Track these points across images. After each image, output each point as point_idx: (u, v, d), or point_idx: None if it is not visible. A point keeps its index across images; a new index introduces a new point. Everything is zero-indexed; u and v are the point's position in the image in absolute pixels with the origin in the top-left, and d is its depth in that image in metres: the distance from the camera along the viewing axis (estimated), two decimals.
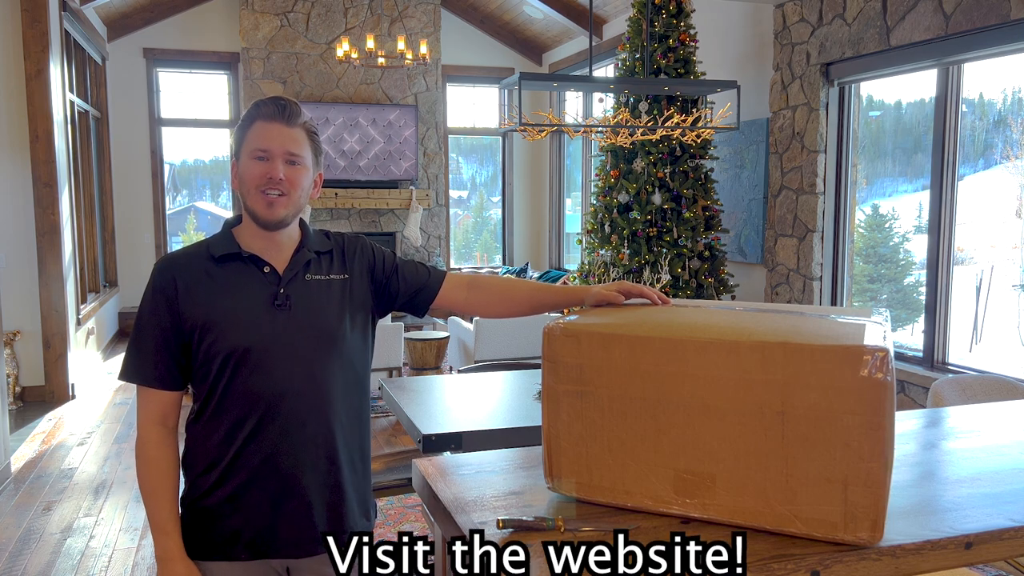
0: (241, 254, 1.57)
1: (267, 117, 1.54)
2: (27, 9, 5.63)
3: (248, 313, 1.53)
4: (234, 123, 9.01)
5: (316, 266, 1.62)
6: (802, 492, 1.12)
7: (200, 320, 1.52)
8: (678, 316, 1.31)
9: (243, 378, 1.52)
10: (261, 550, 1.56)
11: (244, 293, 1.55)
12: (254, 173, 1.53)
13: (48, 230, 5.79)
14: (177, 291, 1.53)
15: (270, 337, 1.53)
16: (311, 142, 1.58)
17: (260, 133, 1.53)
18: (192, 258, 1.58)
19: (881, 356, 1.06)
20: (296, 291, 1.57)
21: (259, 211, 1.54)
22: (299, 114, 1.57)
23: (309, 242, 1.63)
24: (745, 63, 5.76)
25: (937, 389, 3.10)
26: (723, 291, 5.12)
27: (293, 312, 1.55)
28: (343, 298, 1.61)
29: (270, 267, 1.57)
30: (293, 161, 1.54)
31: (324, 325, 1.57)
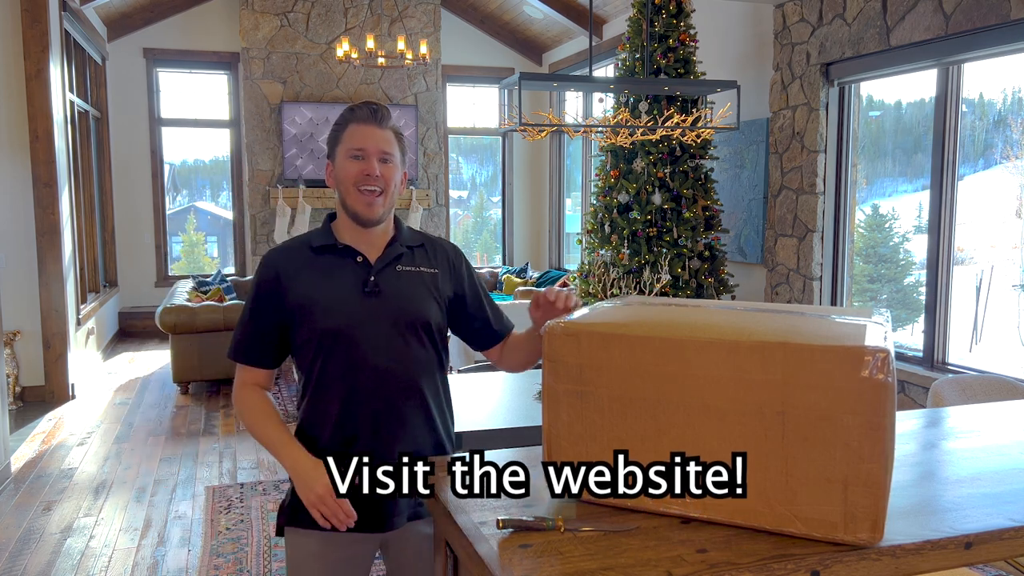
0: (336, 245, 1.72)
1: (361, 120, 1.68)
2: (27, 9, 5.63)
3: (341, 298, 1.68)
4: (234, 123, 9.02)
5: (408, 258, 1.76)
6: (802, 492, 1.12)
7: (298, 304, 1.68)
8: (678, 316, 1.31)
9: (337, 357, 1.66)
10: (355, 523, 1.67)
11: (338, 280, 1.69)
12: (351, 171, 1.67)
13: (48, 230, 5.79)
14: (282, 280, 1.69)
15: (360, 320, 1.67)
16: (399, 143, 1.73)
17: (355, 134, 1.68)
18: (293, 250, 1.75)
19: (882, 357, 1.06)
20: (386, 279, 1.71)
21: (359, 210, 1.68)
22: (389, 117, 1.72)
23: (402, 236, 1.78)
24: (745, 63, 5.76)
25: (937, 389, 3.10)
26: (723, 291, 5.12)
27: (383, 298, 1.69)
28: (431, 288, 1.75)
29: (363, 257, 1.72)
30: (386, 159, 1.69)
31: (412, 311, 1.70)
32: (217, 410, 5.73)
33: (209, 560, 3.37)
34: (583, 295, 5.32)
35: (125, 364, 7.30)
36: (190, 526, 3.73)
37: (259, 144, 8.55)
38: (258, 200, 8.63)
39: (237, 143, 9.03)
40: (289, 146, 8.47)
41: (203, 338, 6.06)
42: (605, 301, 1.52)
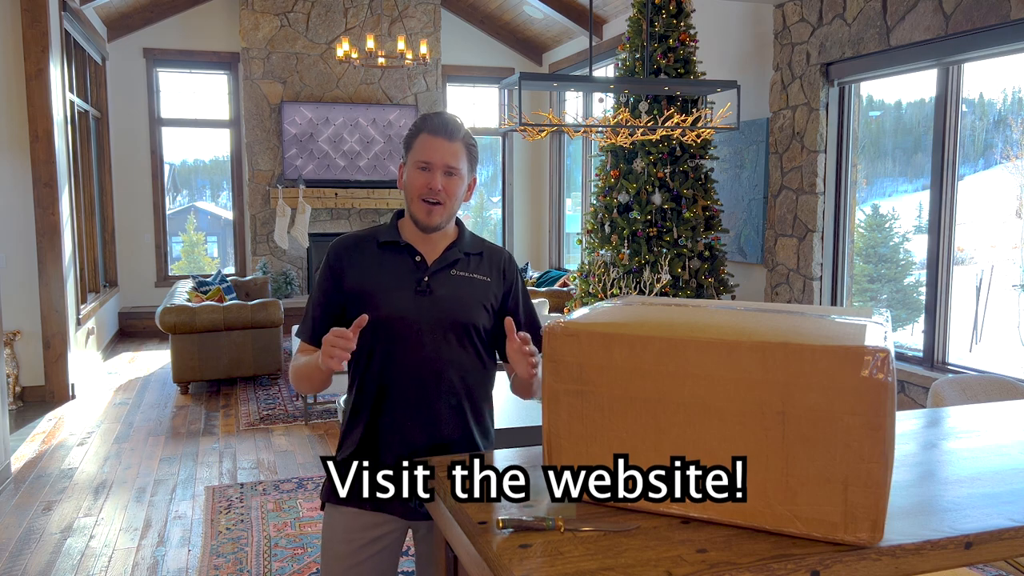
0: (399, 242, 1.81)
1: (432, 131, 1.76)
2: (27, 9, 5.63)
3: (393, 292, 1.76)
4: (234, 123, 9.02)
5: (463, 264, 1.83)
6: (802, 492, 1.12)
7: (356, 291, 1.77)
8: (679, 316, 1.31)
9: (382, 347, 1.74)
10: (380, 504, 1.76)
11: (394, 275, 1.78)
12: (417, 183, 1.75)
13: (48, 230, 5.79)
14: (343, 266, 1.80)
15: (407, 315, 1.74)
16: (468, 154, 1.80)
17: (425, 145, 1.75)
18: (361, 240, 1.84)
19: (882, 357, 1.06)
20: (439, 281, 1.78)
21: (419, 217, 1.76)
22: (459, 129, 1.79)
23: (462, 242, 1.85)
24: (745, 63, 5.76)
25: (937, 389, 3.10)
26: (723, 291, 5.11)
27: (433, 298, 1.76)
28: (481, 295, 1.81)
29: (421, 257, 1.80)
30: (451, 173, 1.75)
31: (458, 314, 1.77)
32: (217, 410, 5.73)
33: (209, 560, 3.37)
34: (583, 295, 5.32)
35: (125, 364, 7.30)
36: (190, 526, 3.73)
37: (259, 144, 8.55)
38: (258, 200, 8.63)
39: (237, 143, 9.03)
40: (289, 146, 8.47)
41: (203, 338, 6.06)
42: (605, 301, 1.51)
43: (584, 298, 5.31)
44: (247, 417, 5.54)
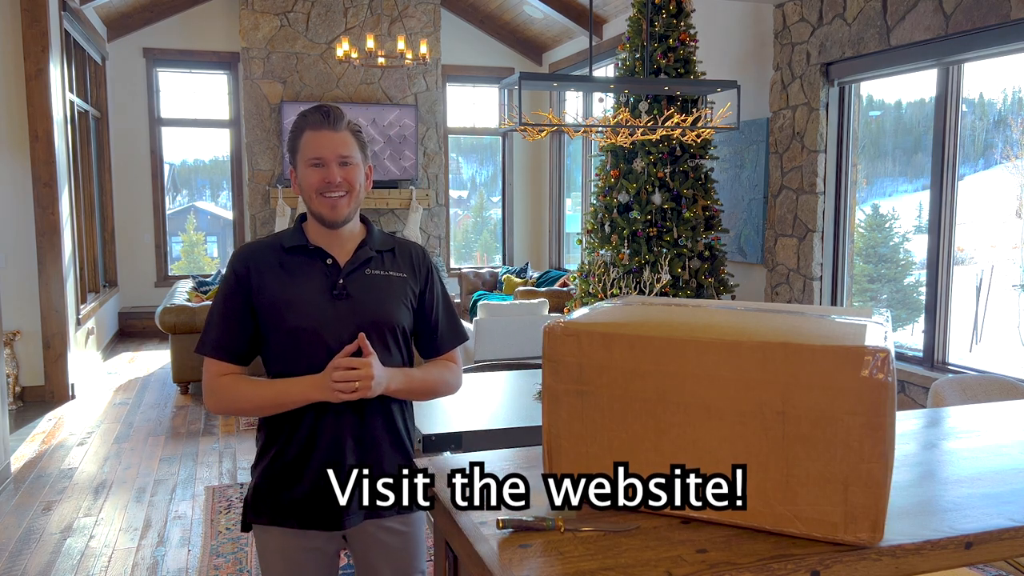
0: (307, 246, 1.74)
1: (315, 126, 1.69)
2: (27, 9, 5.63)
3: (309, 299, 1.69)
4: (234, 123, 9.02)
5: (377, 262, 1.77)
6: (802, 492, 1.12)
7: (267, 302, 1.69)
8: (679, 316, 1.31)
9: (302, 357, 1.68)
10: (309, 520, 1.72)
11: (307, 282, 1.71)
12: (313, 180, 1.68)
13: (48, 230, 5.79)
14: (250, 276, 1.71)
15: (327, 322, 1.68)
16: (357, 141, 1.73)
17: (311, 142, 1.68)
18: (265, 248, 1.76)
19: (882, 357, 1.06)
20: (355, 283, 1.72)
21: (324, 213, 1.70)
22: (342, 118, 1.71)
23: (372, 240, 1.80)
24: (745, 63, 5.76)
25: (937, 389, 3.10)
26: (723, 291, 5.11)
27: (351, 301, 1.70)
28: (400, 293, 1.77)
29: (332, 259, 1.73)
30: (346, 162, 1.70)
31: (379, 314, 1.72)
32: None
33: (209, 560, 3.37)
34: (583, 295, 5.32)
35: (125, 364, 7.30)
36: (190, 526, 3.73)
37: (259, 144, 8.55)
38: (258, 200, 8.63)
39: (237, 143, 9.03)
40: None
41: None
42: (605, 301, 1.51)
43: (584, 298, 5.31)
44: (247, 417, 5.54)
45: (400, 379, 1.72)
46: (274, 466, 1.73)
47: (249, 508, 1.77)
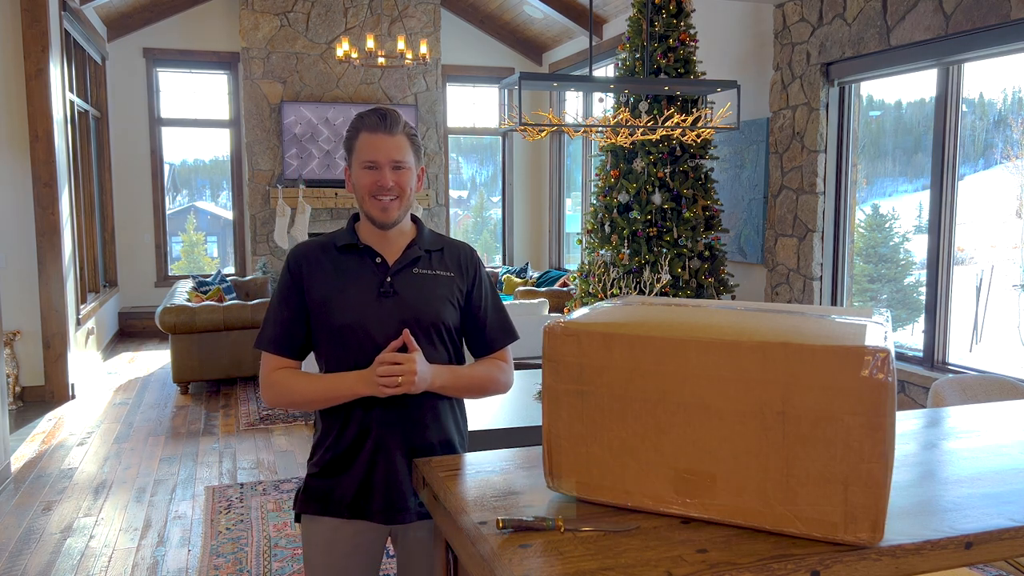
0: (358, 245, 1.78)
1: (371, 128, 1.72)
2: (27, 9, 5.63)
3: (357, 297, 1.73)
4: (234, 123, 9.01)
5: (425, 261, 1.80)
6: (802, 492, 1.11)
7: (319, 299, 1.74)
8: (679, 316, 1.31)
9: (350, 354, 1.72)
10: (358, 511, 1.75)
11: (356, 279, 1.76)
12: (366, 182, 1.73)
13: (48, 230, 5.79)
14: (303, 274, 1.77)
15: (373, 319, 1.72)
16: (412, 144, 1.76)
17: (367, 144, 1.72)
18: (318, 247, 1.81)
19: (882, 357, 1.06)
20: (402, 281, 1.76)
21: (375, 215, 1.74)
22: (399, 121, 1.74)
23: (421, 240, 1.82)
24: (745, 63, 5.76)
25: (937, 389, 3.10)
26: (723, 291, 5.11)
27: (398, 299, 1.74)
28: (446, 292, 1.79)
29: (381, 258, 1.77)
30: (399, 167, 1.73)
31: (425, 312, 1.75)
32: (217, 410, 5.73)
33: (209, 560, 3.37)
34: (583, 295, 5.32)
35: (125, 364, 7.30)
36: (190, 526, 3.73)
37: (259, 144, 8.55)
38: (258, 200, 8.63)
39: (237, 143, 9.03)
40: (289, 146, 8.47)
41: (203, 338, 6.06)
42: (605, 301, 1.51)
43: (584, 298, 5.31)
44: (247, 417, 5.54)
45: (446, 376, 1.74)
46: (326, 457, 1.77)
47: (300, 498, 1.81)
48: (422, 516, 1.76)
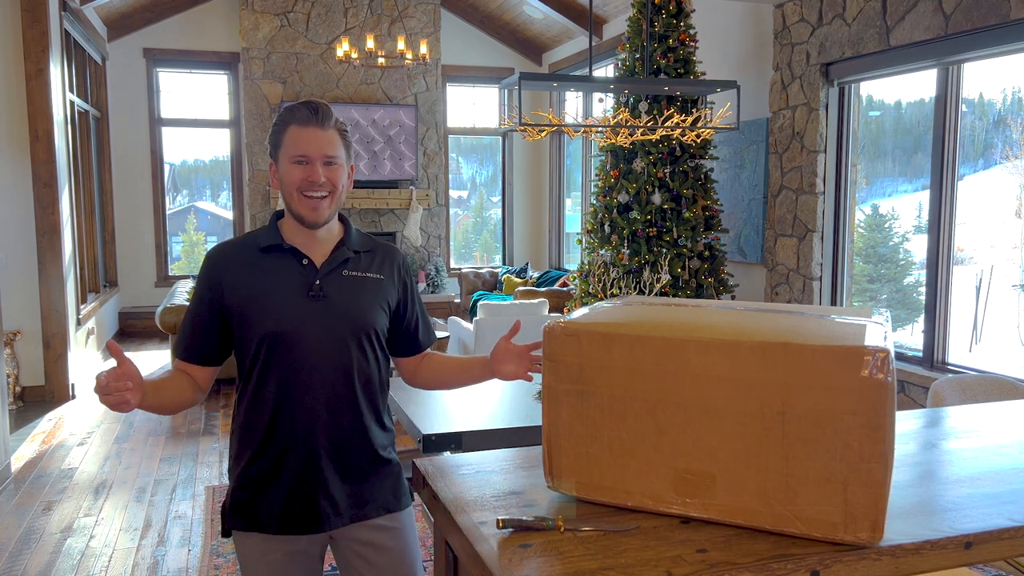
0: (283, 246, 1.68)
1: (301, 121, 1.63)
2: (27, 9, 5.63)
3: (284, 301, 1.64)
4: (234, 123, 9.01)
5: (354, 263, 1.72)
6: (802, 492, 1.12)
7: (240, 305, 1.65)
8: (679, 316, 1.31)
9: (276, 360, 1.64)
10: (287, 525, 1.68)
11: (282, 282, 1.66)
12: (295, 177, 1.63)
13: (48, 230, 5.79)
14: (222, 278, 1.66)
15: (302, 324, 1.64)
16: (343, 140, 1.68)
17: (297, 138, 1.63)
18: (238, 247, 1.71)
19: (882, 357, 1.06)
20: (331, 284, 1.68)
21: (304, 214, 1.64)
22: (330, 116, 1.65)
23: (350, 240, 1.74)
24: (745, 63, 5.76)
25: (937, 389, 3.10)
26: (723, 291, 5.11)
27: (327, 303, 1.66)
28: (376, 295, 1.73)
29: (308, 260, 1.68)
30: (331, 162, 1.64)
31: (356, 316, 1.68)
32: (217, 410, 5.73)
33: (209, 560, 3.37)
34: (583, 295, 5.32)
35: None
36: (190, 526, 3.73)
37: (259, 144, 8.55)
38: (258, 200, 8.63)
39: (237, 143, 9.03)
40: None
41: None
42: (605, 301, 1.51)
43: (584, 298, 5.31)
44: None
45: None
46: (249, 471, 1.69)
47: (228, 514, 1.73)
48: (355, 518, 1.72)
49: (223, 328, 1.69)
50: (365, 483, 1.73)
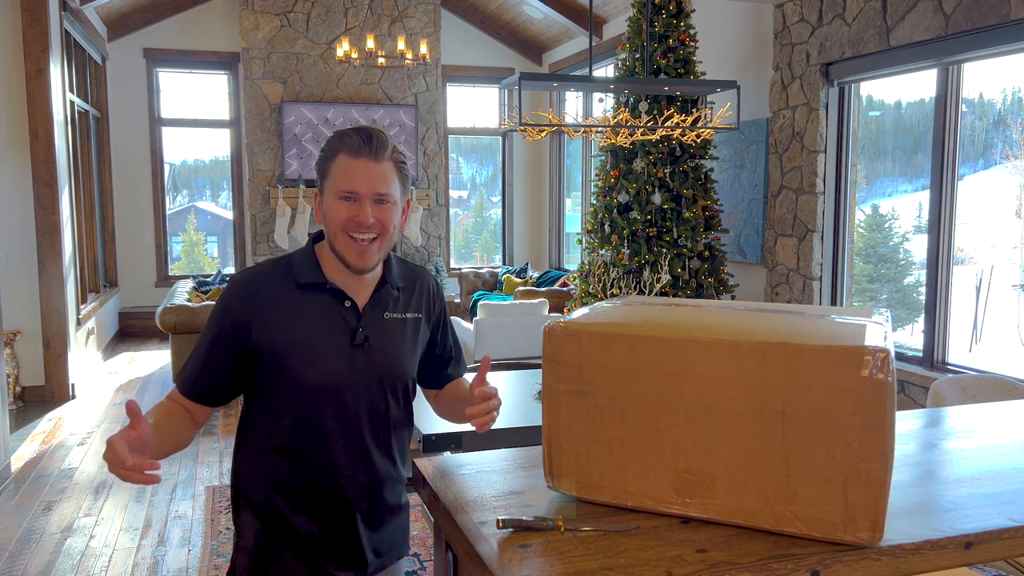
0: (325, 285, 1.50)
1: (352, 151, 1.43)
2: (27, 9, 5.63)
3: (326, 351, 1.48)
4: (234, 123, 9.01)
5: (395, 303, 1.57)
6: (802, 492, 1.12)
7: (273, 350, 1.47)
8: (679, 316, 1.31)
9: (313, 412, 1.50)
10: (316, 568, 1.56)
11: (323, 329, 1.49)
12: (340, 216, 1.44)
13: (48, 230, 5.79)
14: (252, 317, 1.47)
15: (343, 376, 1.49)
16: (399, 174, 1.49)
17: (346, 171, 1.43)
18: (273, 281, 1.50)
19: (882, 357, 1.06)
20: (373, 329, 1.53)
21: (349, 258, 1.46)
22: (386, 145, 1.46)
23: (392, 276, 1.57)
24: (745, 63, 5.76)
25: (937, 389, 3.10)
26: (723, 291, 5.11)
27: (370, 352, 1.51)
28: (415, 337, 1.60)
29: (351, 302, 1.51)
30: (382, 200, 1.45)
31: (395, 369, 1.56)
32: (217, 410, 5.73)
33: (209, 560, 3.37)
34: (583, 295, 5.32)
35: (125, 364, 7.30)
36: (190, 526, 3.73)
37: (259, 144, 8.55)
38: (258, 200, 8.63)
39: (237, 143, 9.03)
40: (289, 146, 8.48)
41: None
42: (605, 301, 1.51)
43: (584, 298, 5.31)
44: None
45: None
46: (273, 529, 1.54)
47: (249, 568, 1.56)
48: (397, 556, 1.65)
49: (241, 369, 1.51)
50: (386, 529, 1.64)
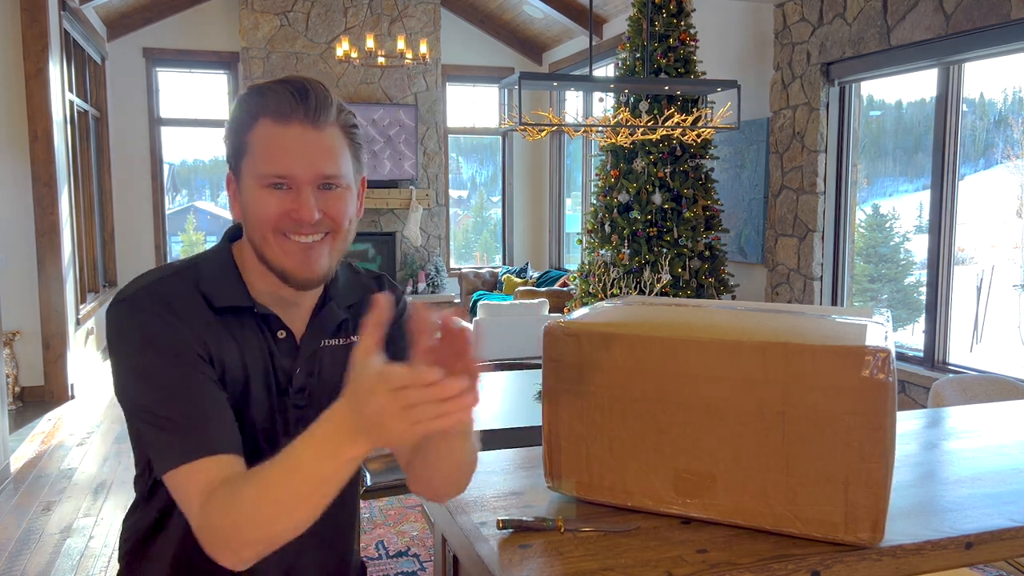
0: (252, 309, 1.08)
1: (280, 115, 0.98)
2: (27, 9, 5.62)
3: (255, 396, 1.08)
4: None
5: (344, 326, 1.16)
6: (802, 492, 1.11)
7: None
8: (679, 316, 1.31)
9: None
10: None
11: (251, 365, 1.07)
12: (270, 211, 1.00)
13: (48, 230, 5.79)
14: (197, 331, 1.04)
15: (276, 432, 1.10)
16: (350, 143, 1.07)
17: (273, 144, 0.99)
18: (183, 296, 1.04)
19: (883, 357, 1.05)
20: (314, 366, 1.13)
21: (288, 267, 1.02)
22: (329, 103, 1.02)
23: (337, 292, 1.15)
24: (745, 63, 5.76)
25: (938, 389, 3.10)
26: (723, 291, 5.11)
27: (309, 398, 1.12)
28: None
29: (287, 332, 1.10)
30: (330, 184, 1.03)
31: None
32: None
33: None
34: (583, 295, 5.32)
35: None
36: None
37: None
38: None
39: None
40: None
41: None
42: (605, 301, 1.51)
43: (584, 298, 5.31)
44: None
45: None
46: None
47: None
48: None
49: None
50: None
